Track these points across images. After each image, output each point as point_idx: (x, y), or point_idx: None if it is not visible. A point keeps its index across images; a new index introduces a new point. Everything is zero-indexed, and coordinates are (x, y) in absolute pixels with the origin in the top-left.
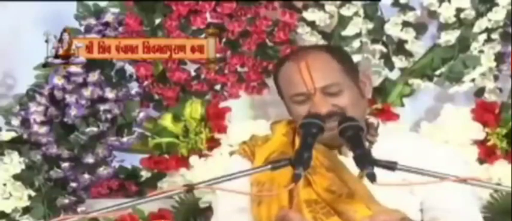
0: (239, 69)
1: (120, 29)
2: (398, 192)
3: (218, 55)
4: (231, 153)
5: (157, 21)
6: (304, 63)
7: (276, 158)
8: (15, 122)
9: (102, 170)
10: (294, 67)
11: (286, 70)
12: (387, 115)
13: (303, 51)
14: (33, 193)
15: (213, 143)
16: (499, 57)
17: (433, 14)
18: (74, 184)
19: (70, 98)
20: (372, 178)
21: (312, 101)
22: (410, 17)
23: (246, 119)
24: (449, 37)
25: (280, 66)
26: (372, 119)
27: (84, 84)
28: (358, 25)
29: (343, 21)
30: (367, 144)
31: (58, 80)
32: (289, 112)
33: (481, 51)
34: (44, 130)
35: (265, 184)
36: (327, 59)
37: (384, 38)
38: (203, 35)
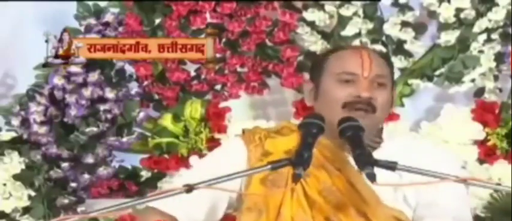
0: (239, 69)
1: (120, 29)
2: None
3: (218, 55)
4: (237, 135)
5: (157, 21)
6: (366, 51)
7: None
8: (15, 122)
9: (102, 170)
10: (354, 53)
11: (341, 53)
12: None
13: (360, 46)
14: (33, 193)
15: (213, 143)
16: (499, 58)
17: (432, 14)
18: (74, 184)
19: (70, 98)
20: (372, 178)
21: (358, 84)
22: (409, 17)
23: (246, 119)
24: (449, 37)
25: (332, 51)
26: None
27: (84, 84)
28: (357, 25)
29: (343, 21)
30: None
31: (58, 80)
32: (323, 94)
33: (481, 52)
34: (44, 130)
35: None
36: (381, 58)
37: (384, 38)
38: (203, 35)
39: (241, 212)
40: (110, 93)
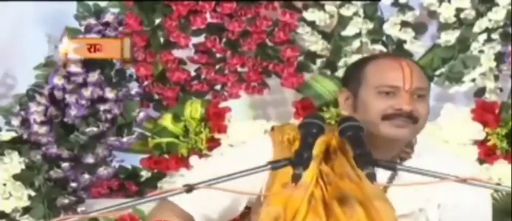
0: (239, 69)
1: (120, 29)
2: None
3: (218, 55)
4: (266, 131)
5: (157, 21)
6: (407, 63)
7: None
8: (15, 122)
9: (102, 170)
10: (393, 63)
11: (381, 64)
12: None
13: (397, 56)
14: (33, 193)
15: (213, 143)
16: (499, 57)
17: (433, 14)
18: (74, 184)
19: (70, 98)
20: (372, 177)
21: (399, 96)
22: (409, 17)
23: (246, 119)
24: (449, 37)
25: (370, 60)
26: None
27: (84, 84)
28: (357, 25)
29: (343, 21)
30: (398, 160)
31: (58, 80)
32: (363, 105)
33: (481, 51)
34: (44, 130)
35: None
36: (419, 67)
37: (384, 38)
38: (203, 35)
39: (260, 214)
40: (110, 93)
